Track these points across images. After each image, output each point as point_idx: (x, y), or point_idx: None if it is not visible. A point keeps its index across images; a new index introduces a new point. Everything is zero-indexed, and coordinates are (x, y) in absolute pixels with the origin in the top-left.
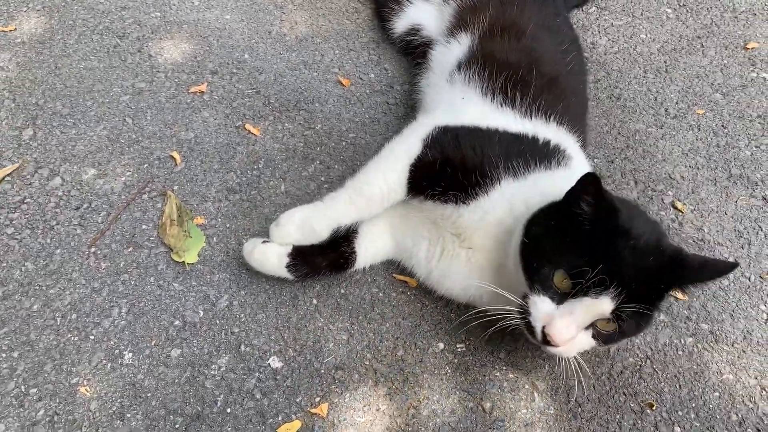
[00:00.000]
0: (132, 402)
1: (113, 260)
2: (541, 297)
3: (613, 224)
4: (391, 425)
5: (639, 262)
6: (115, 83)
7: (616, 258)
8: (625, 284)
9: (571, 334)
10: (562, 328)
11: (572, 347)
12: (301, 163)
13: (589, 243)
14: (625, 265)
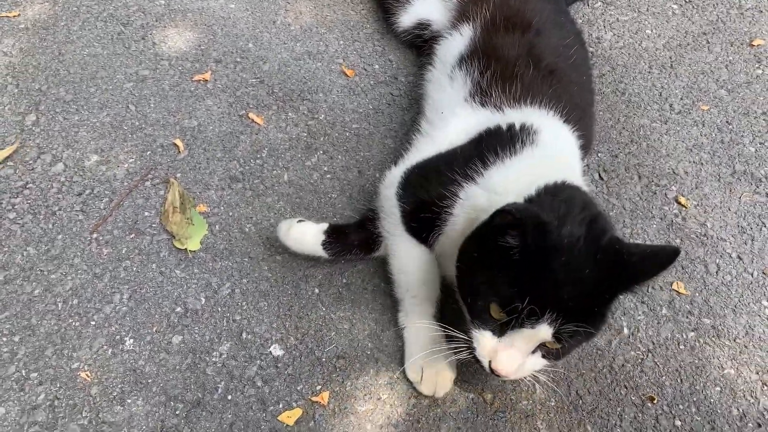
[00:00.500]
0: (132, 388)
1: (115, 246)
2: (482, 332)
3: (541, 245)
4: (392, 414)
5: (573, 280)
6: (118, 70)
7: (547, 284)
8: (560, 309)
9: (516, 365)
10: (506, 361)
11: (523, 371)
12: (305, 152)
13: (517, 272)
14: (558, 289)
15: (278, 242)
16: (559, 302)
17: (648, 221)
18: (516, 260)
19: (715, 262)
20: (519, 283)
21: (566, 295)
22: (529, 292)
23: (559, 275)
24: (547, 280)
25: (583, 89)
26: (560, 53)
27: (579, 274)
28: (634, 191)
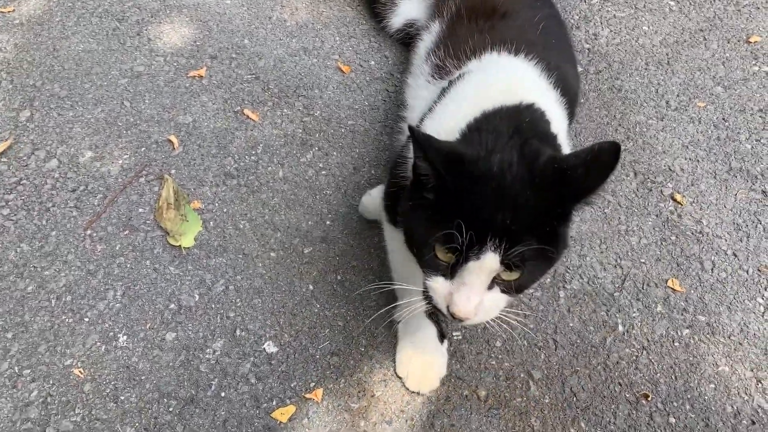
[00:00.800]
0: (126, 384)
1: (109, 243)
2: (433, 278)
3: (463, 174)
4: (386, 411)
5: (512, 204)
6: (113, 66)
7: (482, 212)
8: (502, 233)
9: (473, 304)
10: (462, 301)
11: (487, 312)
12: (300, 149)
13: (448, 205)
14: (495, 214)
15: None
16: (498, 227)
17: (643, 218)
18: (442, 191)
19: (711, 259)
20: (452, 215)
21: (507, 220)
22: (465, 222)
23: (492, 201)
24: (481, 208)
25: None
26: (525, 25)
27: (517, 197)
28: (629, 188)
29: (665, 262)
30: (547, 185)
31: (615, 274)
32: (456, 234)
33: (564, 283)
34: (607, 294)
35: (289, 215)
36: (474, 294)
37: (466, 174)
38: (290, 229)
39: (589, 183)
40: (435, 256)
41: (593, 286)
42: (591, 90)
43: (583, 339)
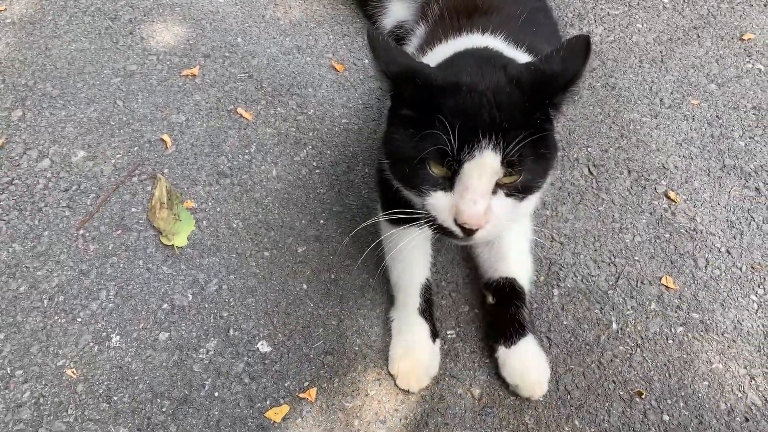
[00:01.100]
0: (119, 385)
1: (102, 243)
2: (432, 194)
3: (435, 85)
4: (380, 410)
5: (489, 102)
6: (106, 65)
7: (462, 113)
8: (495, 130)
9: (481, 207)
10: (470, 207)
11: (498, 219)
12: (293, 147)
13: (431, 118)
14: (483, 114)
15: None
16: (488, 124)
17: (637, 216)
18: (423, 106)
19: (704, 256)
20: (437, 125)
21: (496, 118)
22: (452, 129)
23: (475, 104)
24: (465, 111)
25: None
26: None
27: (496, 96)
28: (623, 186)
29: (659, 259)
30: (527, 84)
31: (609, 271)
32: (447, 140)
33: (558, 280)
34: (601, 292)
35: (282, 214)
36: (479, 197)
37: (436, 85)
38: (284, 228)
39: (567, 74)
40: (428, 172)
41: (587, 283)
42: (585, 88)
43: (577, 337)
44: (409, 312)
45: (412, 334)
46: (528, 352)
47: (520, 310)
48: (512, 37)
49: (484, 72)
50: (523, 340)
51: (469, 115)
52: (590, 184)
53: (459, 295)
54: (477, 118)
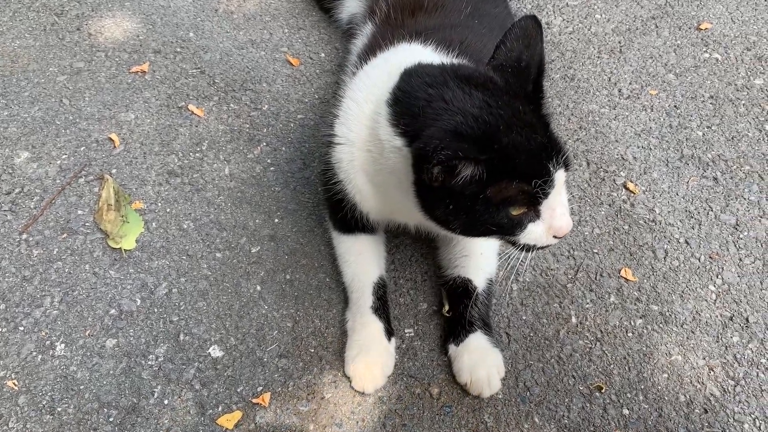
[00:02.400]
0: (63, 395)
1: (46, 247)
2: (527, 230)
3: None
4: (336, 413)
5: (524, 130)
6: (51, 63)
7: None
8: (546, 151)
9: (568, 217)
10: (565, 222)
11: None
12: (247, 145)
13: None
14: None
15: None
16: (544, 150)
17: (596, 208)
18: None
19: (663, 247)
20: (511, 181)
21: (539, 139)
22: (524, 174)
23: (520, 137)
24: (521, 150)
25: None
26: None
27: (523, 117)
28: (582, 178)
29: (618, 251)
30: (520, 88)
31: (568, 265)
32: (528, 188)
33: (517, 275)
34: (560, 286)
35: (235, 213)
36: (565, 207)
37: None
38: (237, 228)
39: (536, 58)
40: (513, 218)
41: (546, 278)
42: (543, 80)
43: (537, 332)
44: (363, 311)
45: (366, 334)
46: (477, 349)
47: (469, 309)
48: (445, 42)
49: (481, 101)
50: (472, 337)
51: (531, 157)
52: None
53: (417, 293)
54: (535, 151)
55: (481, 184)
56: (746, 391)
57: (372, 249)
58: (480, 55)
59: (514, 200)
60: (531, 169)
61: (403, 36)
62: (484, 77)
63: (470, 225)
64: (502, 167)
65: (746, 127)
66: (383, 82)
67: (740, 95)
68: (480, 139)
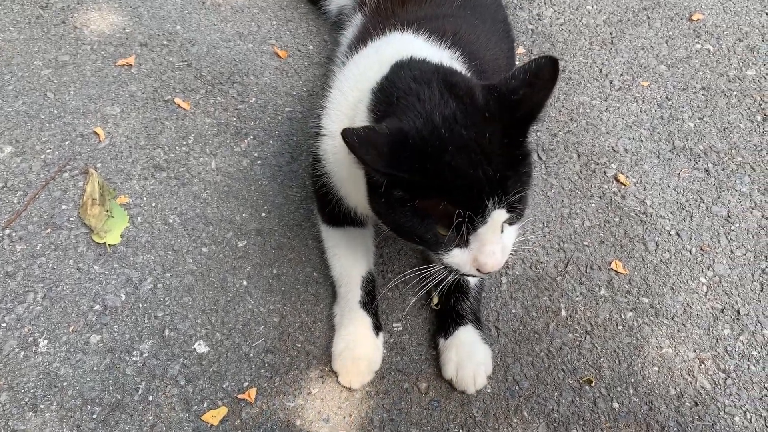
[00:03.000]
0: (46, 392)
1: (29, 242)
2: (450, 253)
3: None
4: (323, 409)
5: (477, 155)
6: (36, 56)
7: (464, 180)
8: (492, 188)
9: (500, 253)
10: (491, 259)
11: (508, 249)
12: (234, 138)
13: (426, 191)
14: (477, 175)
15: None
16: (486, 185)
17: (587, 200)
18: (414, 186)
19: (654, 240)
20: (443, 200)
21: (489, 171)
22: (457, 200)
23: (467, 164)
24: (462, 176)
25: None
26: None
27: (484, 146)
28: (573, 170)
29: (608, 244)
30: (497, 116)
31: (558, 257)
32: (456, 214)
33: (506, 268)
34: (549, 279)
35: (222, 208)
36: (496, 246)
37: (419, 153)
38: (223, 223)
39: (534, 101)
40: (438, 236)
41: (536, 271)
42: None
43: (526, 325)
44: (351, 305)
45: (353, 328)
46: (466, 343)
47: (461, 302)
48: (438, 32)
49: (455, 112)
50: (462, 330)
51: (469, 184)
52: (539, 169)
53: (406, 287)
54: (476, 182)
55: (410, 193)
56: (737, 384)
57: (361, 243)
58: (473, 47)
59: (439, 220)
60: (463, 198)
61: (394, 25)
62: (467, 89)
63: (397, 227)
64: (433, 185)
65: (738, 119)
66: (373, 71)
67: (732, 86)
68: (419, 152)
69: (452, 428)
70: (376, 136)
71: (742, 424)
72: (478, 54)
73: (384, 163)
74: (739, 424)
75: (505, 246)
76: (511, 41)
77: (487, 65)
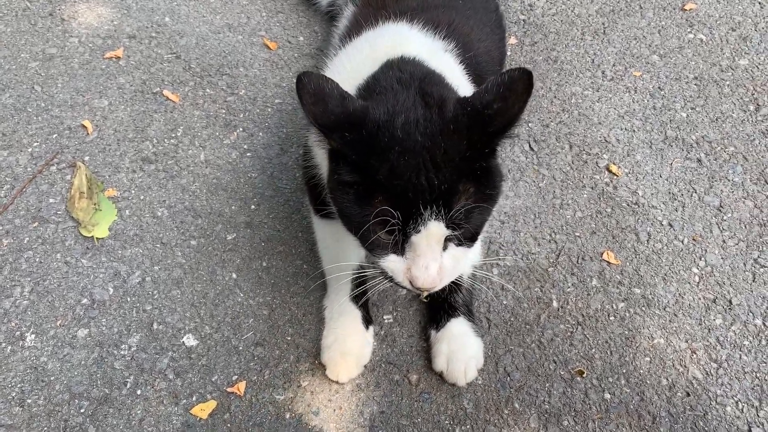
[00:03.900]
0: (33, 387)
1: (16, 236)
2: (386, 258)
3: (373, 143)
4: (313, 401)
5: (432, 164)
6: (23, 49)
7: (404, 183)
8: (434, 198)
9: (433, 272)
10: (422, 274)
11: (453, 271)
12: (223, 130)
13: (369, 180)
14: (420, 182)
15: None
16: (430, 194)
17: (579, 191)
18: (362, 169)
19: (646, 230)
20: (378, 194)
21: (435, 181)
22: (393, 201)
23: (411, 166)
24: (402, 177)
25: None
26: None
27: (434, 153)
28: (564, 161)
29: (600, 234)
30: (464, 129)
31: (549, 248)
32: (389, 214)
33: (497, 259)
34: (541, 270)
35: (211, 200)
36: (431, 261)
37: (370, 142)
38: (212, 215)
39: (508, 115)
40: (379, 238)
41: (527, 262)
42: (527, 62)
43: (517, 317)
44: (341, 298)
45: (342, 321)
46: (458, 335)
47: (453, 294)
48: (432, 22)
49: (419, 117)
50: (454, 322)
51: (407, 187)
52: (531, 160)
53: None
54: (416, 188)
55: (354, 176)
56: (729, 374)
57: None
58: (467, 38)
59: (375, 216)
60: (399, 200)
61: (387, 16)
62: (438, 101)
63: (341, 212)
64: (374, 178)
65: (731, 108)
66: (366, 67)
67: (725, 76)
68: (368, 138)
69: (443, 420)
70: (336, 93)
71: (733, 414)
72: (472, 46)
73: (329, 123)
74: (730, 413)
75: (444, 266)
76: (503, 31)
77: (480, 57)
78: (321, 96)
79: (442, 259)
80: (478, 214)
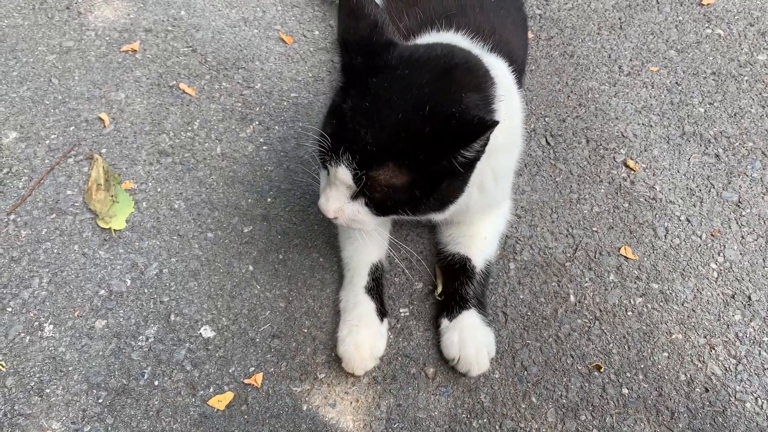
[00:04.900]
0: (52, 376)
1: (35, 228)
2: (321, 169)
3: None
4: (329, 394)
5: (381, 121)
6: (40, 42)
7: (347, 121)
8: (356, 150)
9: (331, 207)
10: (322, 200)
11: (350, 220)
12: (239, 124)
13: (336, 105)
14: (357, 127)
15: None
16: (356, 144)
17: (596, 186)
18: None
19: (664, 225)
20: (334, 120)
21: (370, 139)
22: (334, 129)
23: (366, 115)
24: (354, 119)
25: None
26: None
27: (393, 121)
28: (581, 156)
29: (618, 229)
30: (439, 124)
31: (566, 243)
32: (324, 138)
33: (514, 254)
34: (558, 264)
35: (227, 193)
36: (333, 198)
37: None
38: (229, 208)
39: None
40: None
41: (544, 256)
42: (542, 56)
43: (534, 311)
44: (356, 290)
45: (357, 313)
46: (469, 326)
47: (465, 286)
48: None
49: (414, 82)
50: (466, 314)
51: (349, 126)
52: (547, 154)
53: (413, 272)
54: (353, 133)
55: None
56: (748, 370)
57: (378, 230)
58: (509, 46)
59: (318, 135)
60: (337, 132)
61: (423, 21)
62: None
63: None
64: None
65: (749, 104)
66: None
67: (743, 71)
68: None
69: (460, 414)
70: (371, 18)
71: (753, 410)
72: (514, 55)
73: (351, 41)
74: (750, 410)
75: (344, 210)
76: (526, 30)
77: (518, 62)
78: (357, 14)
79: (345, 205)
80: (389, 198)
